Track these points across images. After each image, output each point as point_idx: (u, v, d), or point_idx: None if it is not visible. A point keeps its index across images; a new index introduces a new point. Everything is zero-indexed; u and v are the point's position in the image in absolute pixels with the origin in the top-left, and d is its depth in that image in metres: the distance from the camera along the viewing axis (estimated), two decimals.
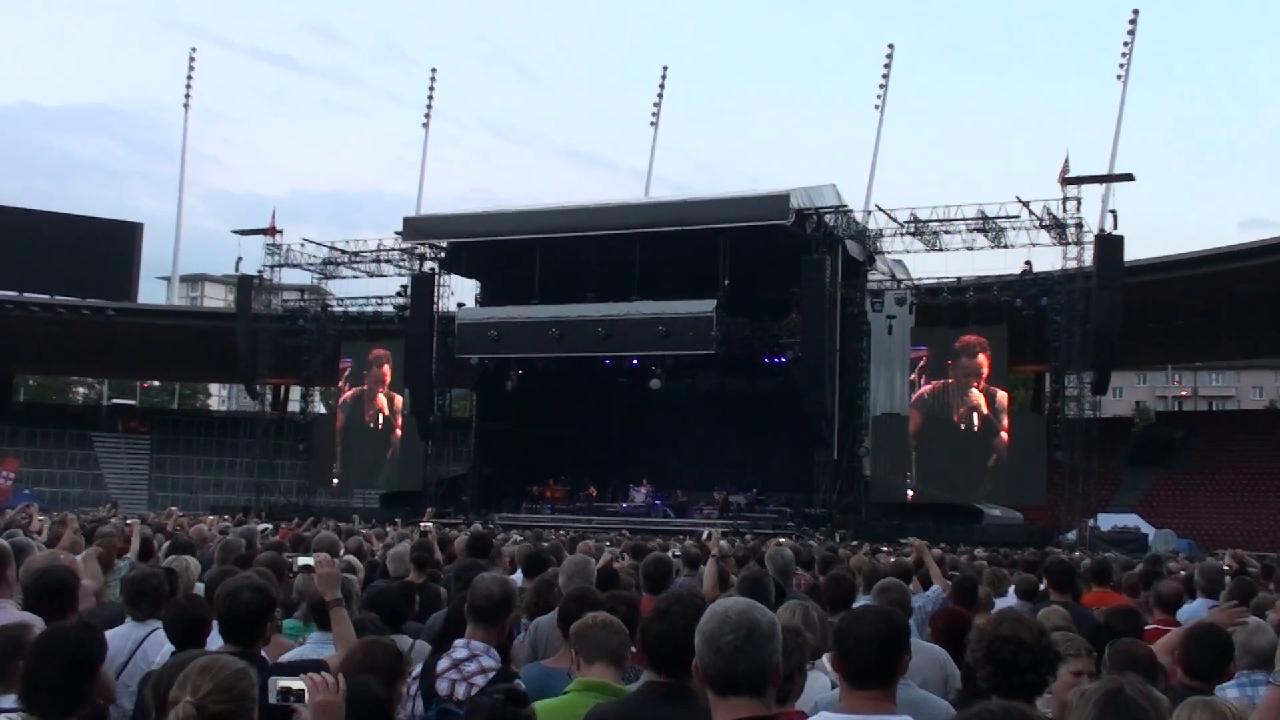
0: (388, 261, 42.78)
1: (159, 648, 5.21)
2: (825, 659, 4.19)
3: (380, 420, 43.92)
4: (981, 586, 8.17)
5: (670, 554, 10.29)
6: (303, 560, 5.55)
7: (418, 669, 4.67)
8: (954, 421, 36.09)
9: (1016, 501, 36.90)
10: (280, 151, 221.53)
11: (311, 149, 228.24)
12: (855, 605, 6.55)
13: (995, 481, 35.77)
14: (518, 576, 8.09)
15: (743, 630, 2.95)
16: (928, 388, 36.69)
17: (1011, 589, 9.03)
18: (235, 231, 45.03)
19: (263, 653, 4.65)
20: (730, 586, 7.69)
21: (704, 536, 8.83)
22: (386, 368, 43.60)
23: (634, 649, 4.35)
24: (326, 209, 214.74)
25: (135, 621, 5.64)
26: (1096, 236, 34.06)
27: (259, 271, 44.22)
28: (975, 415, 35.87)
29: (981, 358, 35.79)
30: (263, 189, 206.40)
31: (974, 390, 35.91)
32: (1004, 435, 35.79)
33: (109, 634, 4.68)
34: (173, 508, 20.60)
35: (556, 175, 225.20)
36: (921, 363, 36.80)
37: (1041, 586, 8.90)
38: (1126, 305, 33.01)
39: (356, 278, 43.99)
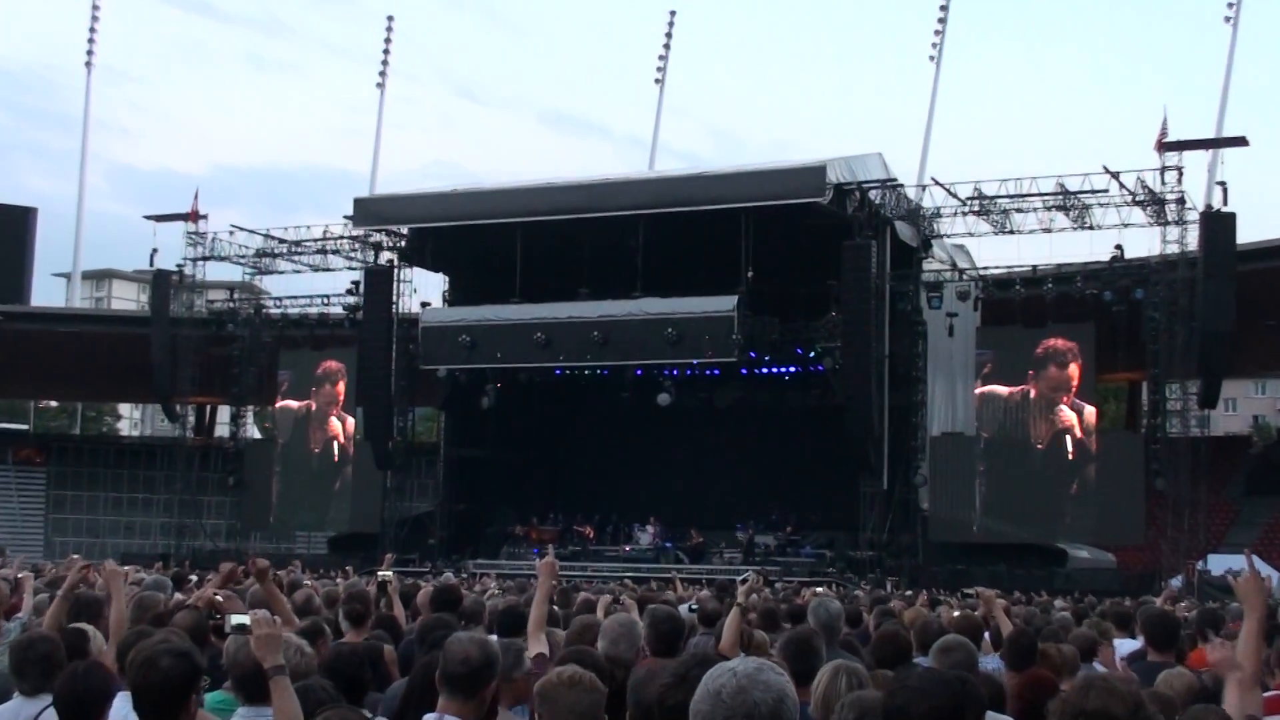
0: (335, 253, 42.84)
1: None
2: None
3: (329, 447, 44.00)
4: (1065, 645, 8.15)
5: (688, 608, 10.28)
6: (236, 619, 5.54)
7: None
8: (1031, 443, 36.08)
9: (1108, 540, 36.86)
10: (201, 119, 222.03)
11: (239, 116, 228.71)
12: (910, 668, 6.57)
13: (1080, 516, 35.74)
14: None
15: (739, 714, 2.86)
16: (997, 398, 36.67)
17: (1118, 643, 8.98)
18: (148, 217, 45.15)
19: None
20: (755, 647, 7.70)
21: (740, 581, 8.79)
22: (341, 385, 43.71)
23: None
24: (259, 189, 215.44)
25: (23, 696, 5.64)
26: (1202, 215, 34.04)
27: (178, 266, 44.26)
28: (1068, 438, 35.81)
29: (1074, 368, 35.81)
30: (180, 165, 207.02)
31: (1062, 407, 35.87)
32: (1091, 459, 35.78)
33: None
34: (74, 555, 20.59)
35: (540, 145, 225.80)
36: (986, 368, 36.81)
37: (1137, 644, 8.88)
38: (1240, 298, 32.94)
39: (298, 273, 44.07)
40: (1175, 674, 6.47)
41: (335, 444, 43.94)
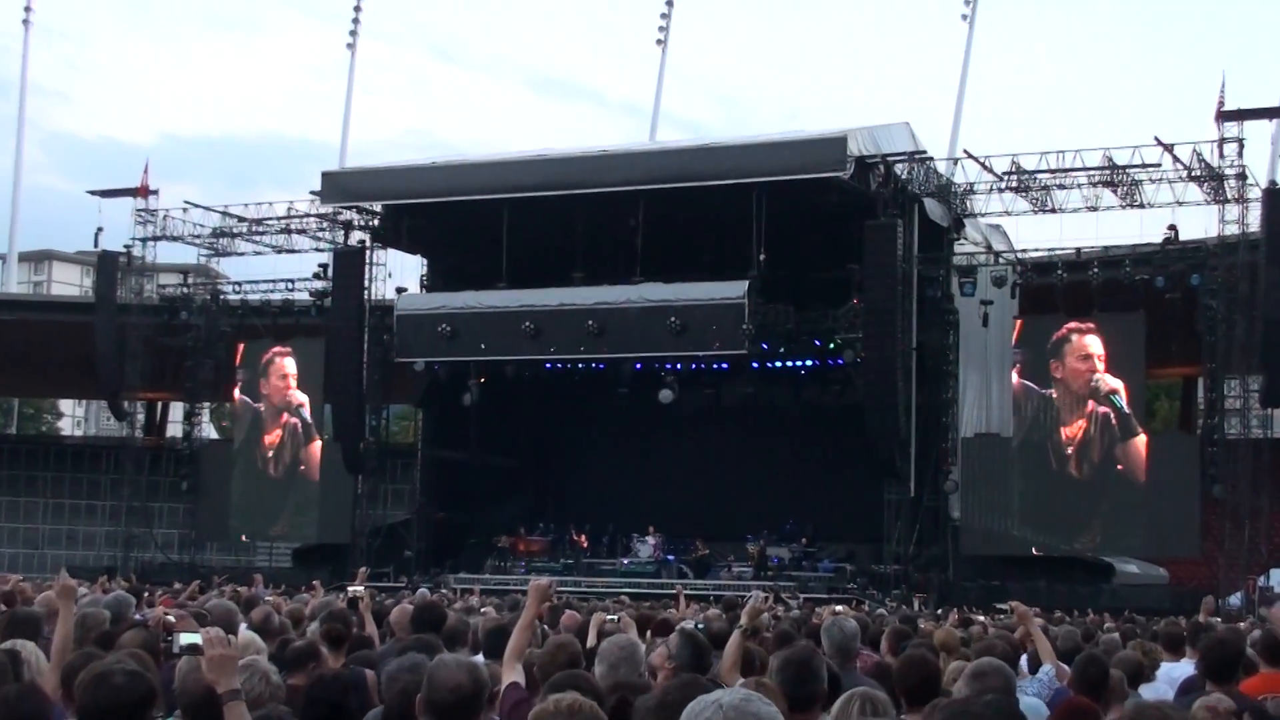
0: (301, 232, 42.86)
1: None
2: None
3: (276, 451, 44.03)
4: (1113, 670, 8.16)
5: (695, 626, 10.30)
6: (187, 638, 5.55)
7: None
8: (1061, 444, 36.05)
9: (1160, 553, 36.89)
10: (150, 83, 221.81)
11: (192, 79, 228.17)
12: (941, 697, 6.58)
13: (1129, 525, 35.74)
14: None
15: None
16: (1034, 392, 36.70)
17: (1168, 667, 9.00)
18: (92, 193, 45.18)
19: None
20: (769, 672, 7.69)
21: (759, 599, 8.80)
22: (290, 377, 43.71)
23: None
24: (216, 161, 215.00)
25: None
26: (1265, 191, 34.08)
27: (125, 247, 44.28)
28: (1095, 430, 35.80)
29: (1097, 346, 35.62)
30: (127, 134, 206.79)
31: (1087, 400, 35.88)
32: (1139, 462, 35.71)
33: None
34: (11, 575, 20.64)
35: (528, 113, 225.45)
36: (1016, 364, 36.83)
37: (1190, 669, 8.89)
38: None
39: (259, 255, 44.07)
40: (1215, 699, 6.47)
41: (289, 444, 43.89)
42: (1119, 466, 35.84)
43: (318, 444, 43.43)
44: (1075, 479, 35.94)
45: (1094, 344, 35.91)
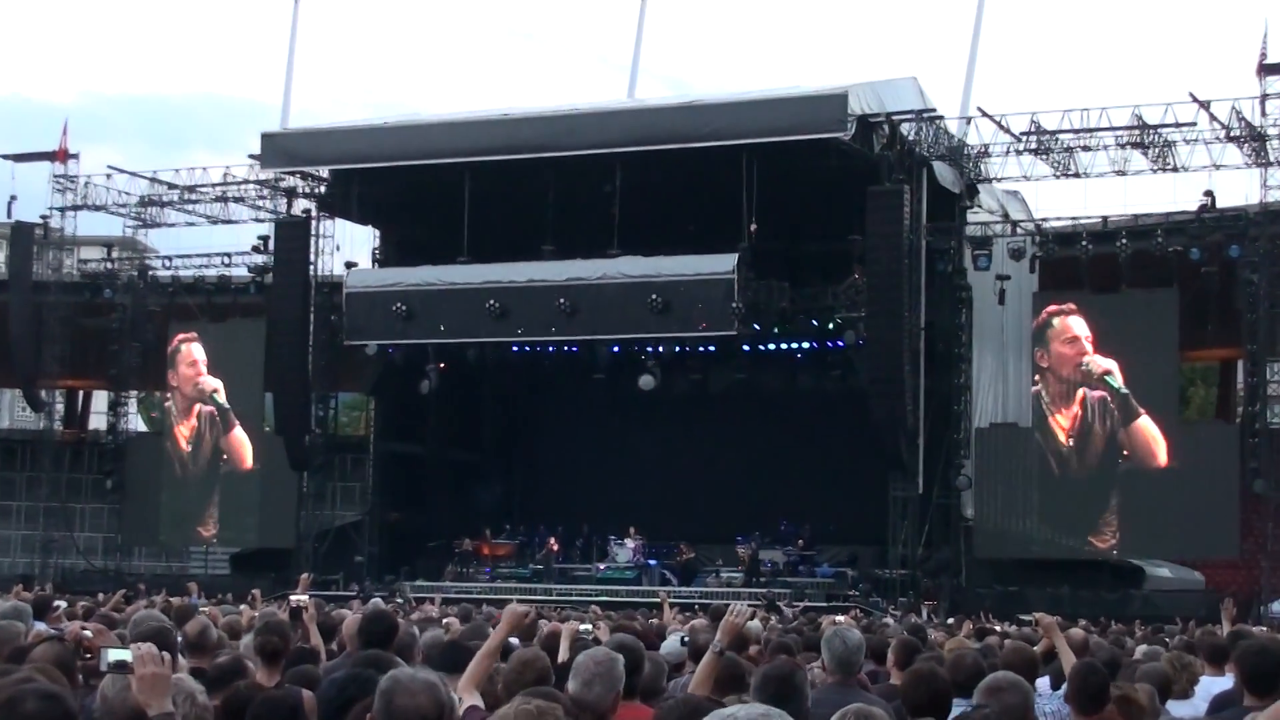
0: (239, 200, 42.80)
1: None
2: None
3: (193, 444, 43.91)
4: (1143, 684, 8.17)
5: (679, 640, 10.29)
6: (115, 655, 5.52)
7: None
8: (1056, 437, 36.07)
9: (1195, 555, 37.00)
10: (68, 35, 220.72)
11: (117, 30, 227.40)
12: (953, 716, 6.57)
13: (1160, 525, 35.77)
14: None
15: None
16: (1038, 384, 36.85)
17: (1208, 682, 9.01)
18: (4, 156, 44.89)
19: None
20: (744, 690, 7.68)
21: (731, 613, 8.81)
22: (199, 364, 43.58)
23: None
24: (143, 122, 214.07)
25: None
26: None
27: (42, 217, 44.20)
28: (1092, 418, 35.82)
29: (1082, 328, 35.62)
30: (42, 92, 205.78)
31: (1079, 386, 35.87)
32: (1149, 449, 35.64)
33: None
34: None
35: (491, 66, 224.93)
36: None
37: (1228, 682, 8.89)
38: None
39: (192, 225, 43.99)
40: (1267, 717, 6.46)
41: (207, 435, 43.73)
42: (1124, 453, 35.85)
43: (238, 431, 43.19)
44: (1076, 473, 35.92)
45: (1078, 325, 35.90)
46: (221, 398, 43.24)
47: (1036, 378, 36.40)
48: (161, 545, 45.71)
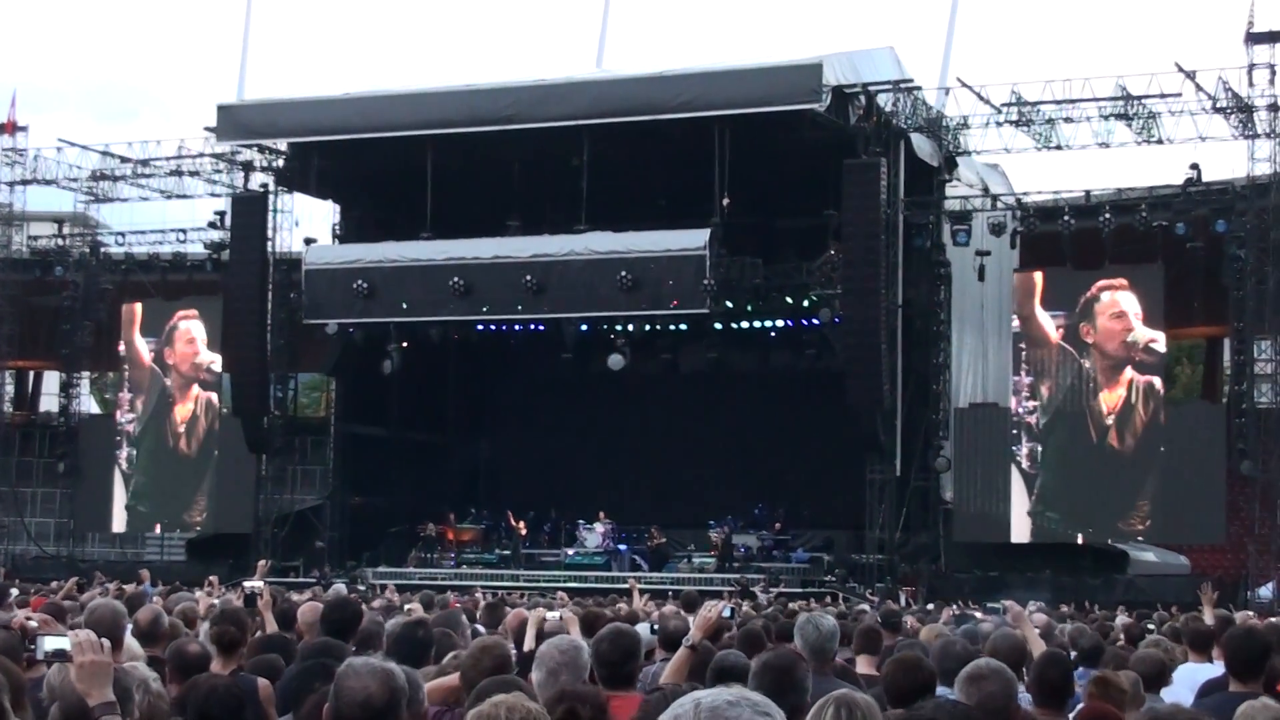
0: (194, 174, 42.60)
1: None
2: None
3: (188, 426, 43.76)
4: (1127, 672, 8.18)
5: (649, 628, 10.30)
6: (53, 642, 5.48)
7: None
8: (1101, 414, 35.89)
9: (1179, 538, 37.11)
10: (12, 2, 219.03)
11: None
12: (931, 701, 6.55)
13: (1144, 507, 35.84)
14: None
15: None
16: (1037, 356, 36.78)
17: (1191, 669, 9.01)
18: None
19: None
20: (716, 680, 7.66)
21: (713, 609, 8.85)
22: (198, 341, 43.40)
23: None
24: (94, 93, 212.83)
25: None
26: None
27: None
28: (1136, 399, 35.64)
29: (1132, 304, 35.50)
30: None
31: (1125, 365, 35.71)
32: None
33: None
34: None
35: (454, 35, 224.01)
36: (1060, 326, 36.70)
37: (1216, 669, 8.89)
38: None
39: (145, 200, 43.88)
40: (1259, 706, 6.46)
41: (193, 419, 43.54)
42: (1155, 443, 35.57)
43: (218, 420, 42.93)
44: (1117, 452, 35.70)
45: (1127, 300, 35.63)
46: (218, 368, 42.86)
47: (1083, 354, 36.17)
48: (135, 530, 45.23)
